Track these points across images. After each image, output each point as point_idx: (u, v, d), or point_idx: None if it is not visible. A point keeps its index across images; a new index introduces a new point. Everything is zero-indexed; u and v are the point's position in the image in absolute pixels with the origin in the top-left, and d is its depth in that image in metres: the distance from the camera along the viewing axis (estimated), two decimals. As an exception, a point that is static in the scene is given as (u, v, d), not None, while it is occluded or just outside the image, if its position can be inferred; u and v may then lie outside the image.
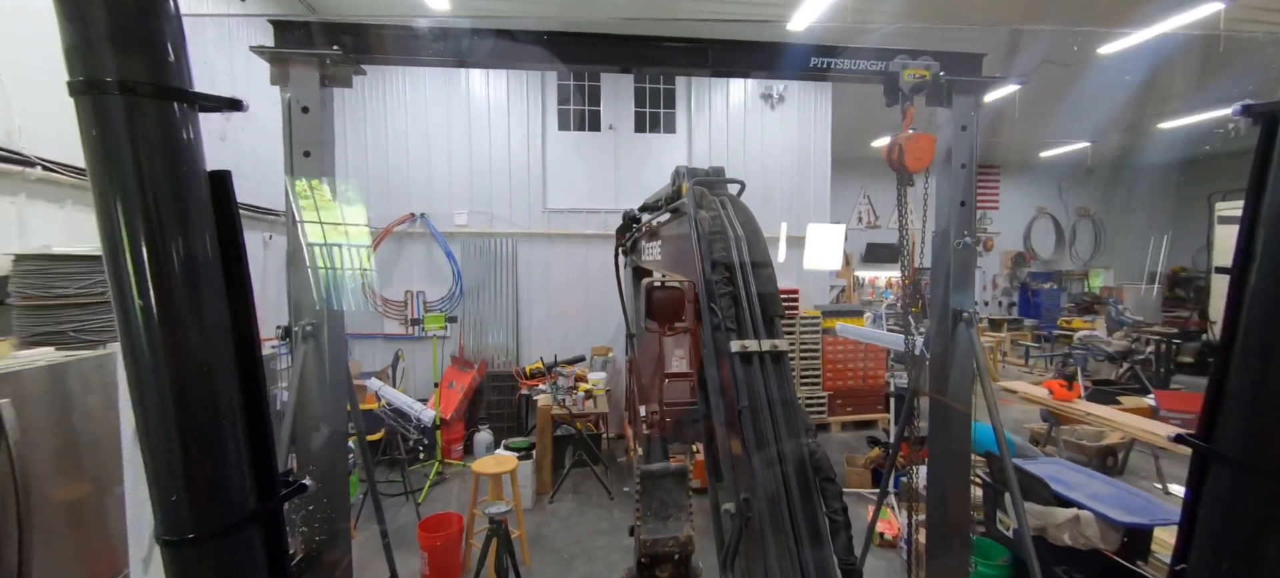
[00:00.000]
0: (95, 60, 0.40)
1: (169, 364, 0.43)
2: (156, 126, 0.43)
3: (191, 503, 0.44)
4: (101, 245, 0.44)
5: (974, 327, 2.58)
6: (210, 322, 0.46)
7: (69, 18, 0.39)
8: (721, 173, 1.87)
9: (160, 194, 0.42)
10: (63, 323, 2.24)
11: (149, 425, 0.45)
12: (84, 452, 2.27)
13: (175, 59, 0.44)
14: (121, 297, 0.45)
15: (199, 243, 0.46)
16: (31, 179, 2.57)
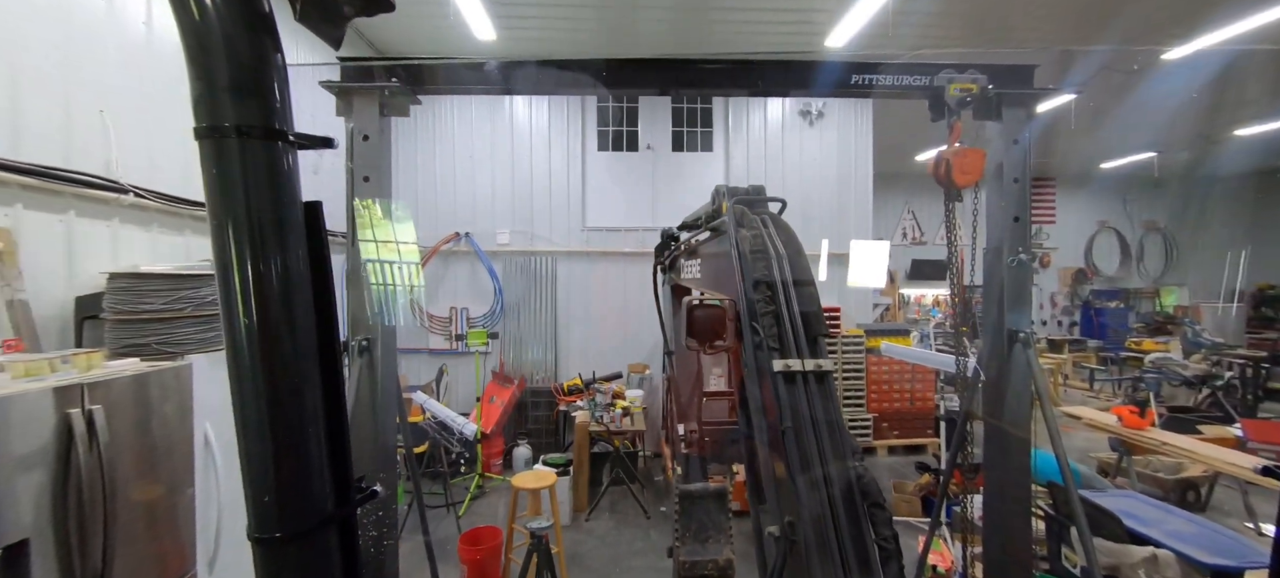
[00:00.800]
0: (217, 108, 0.46)
1: (266, 374, 0.48)
2: (264, 164, 0.48)
3: (280, 504, 0.48)
4: (215, 266, 0.50)
5: (1031, 347, 2.45)
6: (302, 337, 0.51)
7: (198, 73, 0.45)
8: (762, 191, 1.87)
9: (266, 222, 0.48)
10: (147, 336, 2.43)
11: (247, 429, 0.50)
12: (160, 457, 2.44)
13: (280, 104, 0.50)
14: (229, 312, 0.50)
15: (295, 265, 0.51)
16: (124, 205, 2.83)
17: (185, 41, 0.48)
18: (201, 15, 0.45)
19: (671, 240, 3.04)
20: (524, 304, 6.75)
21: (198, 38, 0.47)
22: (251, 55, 0.47)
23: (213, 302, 2.62)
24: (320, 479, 0.51)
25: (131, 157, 2.89)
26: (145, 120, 3.01)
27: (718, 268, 1.87)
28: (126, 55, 2.90)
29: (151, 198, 2.95)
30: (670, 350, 3.19)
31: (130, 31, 2.94)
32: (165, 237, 3.14)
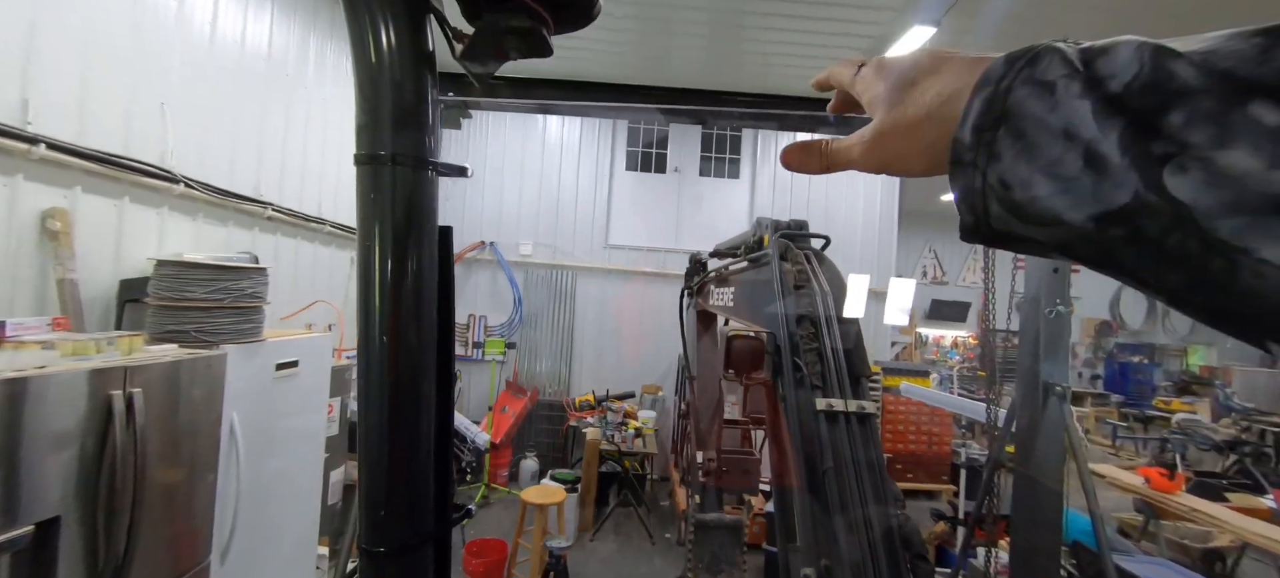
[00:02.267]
0: (378, 138, 0.49)
1: (392, 390, 0.50)
2: (413, 190, 0.51)
3: (392, 519, 0.49)
4: (358, 281, 0.52)
5: (1067, 402, 2.40)
6: (426, 355, 0.53)
7: (365, 106, 0.48)
8: (805, 226, 1.88)
9: (408, 244, 0.50)
10: (186, 323, 2.49)
11: (368, 442, 0.51)
12: (185, 440, 2.47)
13: (431, 135, 0.52)
14: (366, 326, 0.52)
15: (428, 286, 0.53)
16: (174, 194, 2.92)
17: (358, 77, 0.51)
18: (377, 57, 0.49)
19: (701, 266, 3.05)
20: (542, 316, 6.78)
21: (370, 76, 0.50)
22: (413, 91, 0.50)
23: (252, 294, 2.68)
24: (427, 496, 0.52)
25: (185, 149, 2.99)
26: (201, 116, 3.12)
27: (755, 299, 1.87)
28: (191, 54, 3.02)
29: (200, 189, 3.05)
30: (692, 375, 3.18)
31: (196, 32, 3.07)
32: (208, 227, 3.23)
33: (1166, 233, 0.23)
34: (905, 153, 0.35)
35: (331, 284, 4.54)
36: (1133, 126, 0.24)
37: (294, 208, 3.97)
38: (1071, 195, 0.25)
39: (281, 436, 2.97)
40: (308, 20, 4.10)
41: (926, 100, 0.33)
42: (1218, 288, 0.22)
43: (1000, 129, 0.28)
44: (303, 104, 4.11)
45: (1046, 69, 0.27)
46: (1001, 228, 0.29)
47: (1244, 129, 0.21)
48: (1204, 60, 0.23)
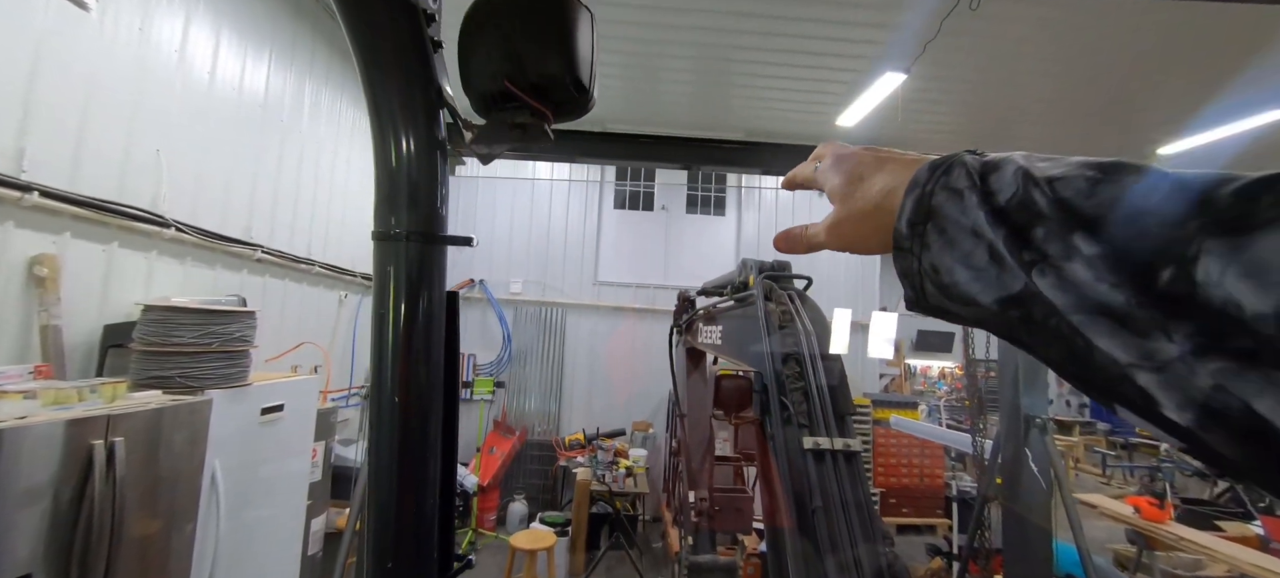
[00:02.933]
0: (393, 217, 0.54)
1: (402, 452, 0.53)
2: (424, 262, 0.56)
3: (397, 572, 0.51)
4: (372, 349, 0.56)
5: (1048, 434, 2.45)
6: (434, 417, 0.56)
7: (383, 191, 0.54)
8: (788, 267, 1.95)
9: (418, 310, 0.54)
10: (171, 369, 2.46)
11: (378, 501, 0.54)
12: (164, 489, 2.41)
13: (440, 210, 0.57)
14: (379, 390, 0.55)
15: (436, 350, 0.57)
16: (164, 238, 2.93)
17: (378, 167, 0.57)
18: (396, 153, 0.54)
19: (689, 303, 3.10)
20: (531, 354, 6.76)
21: (388, 168, 0.55)
22: (426, 177, 0.55)
23: (239, 338, 2.67)
24: (433, 549, 0.55)
25: (179, 193, 3.02)
26: (196, 160, 3.17)
27: (742, 338, 1.92)
28: (189, 100, 3.09)
29: (191, 233, 3.06)
30: (682, 413, 3.19)
31: (195, 79, 3.14)
32: (197, 270, 3.23)
33: (1047, 317, 0.29)
34: (859, 236, 0.43)
35: (319, 324, 4.51)
36: (1013, 234, 0.31)
37: (283, 249, 3.98)
38: (982, 282, 0.32)
39: (264, 482, 2.90)
40: (304, 66, 4.21)
41: (872, 194, 0.41)
42: (1082, 363, 0.28)
43: (928, 224, 0.35)
44: (296, 147, 4.17)
45: (956, 179, 0.34)
46: (935, 303, 0.36)
47: (1075, 250, 0.28)
48: (1054, 190, 0.30)
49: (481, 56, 0.56)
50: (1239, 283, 0.22)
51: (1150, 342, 0.25)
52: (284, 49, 3.99)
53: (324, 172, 4.52)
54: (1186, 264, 0.24)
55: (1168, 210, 0.26)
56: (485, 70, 0.55)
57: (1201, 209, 0.25)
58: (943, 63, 4.33)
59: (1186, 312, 0.24)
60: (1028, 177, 0.31)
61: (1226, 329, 0.23)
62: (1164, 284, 0.25)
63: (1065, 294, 0.28)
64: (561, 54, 0.54)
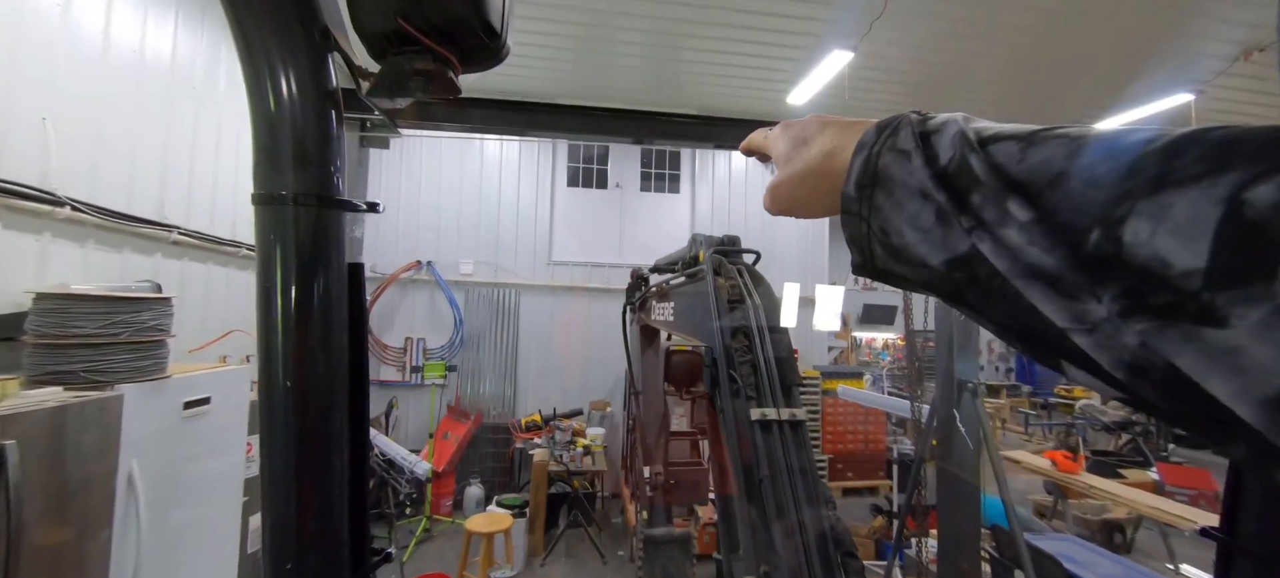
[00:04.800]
0: (276, 178, 0.47)
1: (299, 440, 0.47)
2: (317, 229, 0.49)
3: (301, 572, 0.46)
4: (258, 328, 0.49)
5: (979, 398, 2.61)
6: (337, 398, 0.50)
7: (261, 147, 0.46)
8: (737, 242, 1.95)
9: (313, 284, 0.48)
10: (74, 362, 2.23)
11: (274, 494, 0.48)
12: (72, 495, 2.21)
13: (336, 171, 0.50)
14: (269, 374, 0.49)
15: (337, 327, 0.50)
16: (58, 218, 2.63)
17: (254, 117, 0.49)
18: (274, 98, 0.46)
19: (642, 281, 3.08)
20: (484, 337, 6.60)
21: (266, 116, 0.48)
22: (315, 130, 0.48)
23: (154, 327, 2.45)
24: (341, 545, 0.50)
25: (72, 168, 2.71)
26: (93, 131, 2.84)
27: (694, 313, 1.92)
28: (78, 64, 2.75)
29: (90, 212, 2.76)
30: (638, 390, 3.20)
31: (85, 40, 2.80)
32: (100, 254, 2.92)
33: (991, 277, 0.29)
34: (801, 197, 0.43)
35: (248, 311, 4.18)
36: (954, 197, 0.30)
37: (203, 230, 3.67)
38: (929, 243, 0.31)
39: (191, 481, 2.70)
40: (218, 30, 3.84)
41: (813, 155, 0.41)
42: (1024, 325, 0.28)
43: (876, 188, 0.34)
44: (213, 118, 3.82)
45: (903, 140, 0.33)
46: (883, 266, 0.35)
47: (1009, 216, 0.28)
48: (989, 155, 0.30)
49: (370, -10, 0.49)
50: (1167, 239, 0.23)
51: (1081, 304, 0.25)
52: (192, 8, 3.62)
53: (247, 146, 4.17)
54: (1113, 225, 0.24)
55: (1095, 173, 0.26)
56: (376, 6, 0.49)
57: (1128, 171, 0.25)
58: (887, 41, 4.43)
59: (1113, 273, 0.24)
60: (965, 139, 0.31)
61: (1149, 288, 0.23)
62: (1092, 247, 0.25)
63: (1002, 259, 0.28)
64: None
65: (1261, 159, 0.21)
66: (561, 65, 5.23)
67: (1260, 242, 0.20)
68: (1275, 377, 0.20)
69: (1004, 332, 0.30)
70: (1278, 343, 0.20)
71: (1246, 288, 0.21)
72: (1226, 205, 0.21)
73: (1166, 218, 0.23)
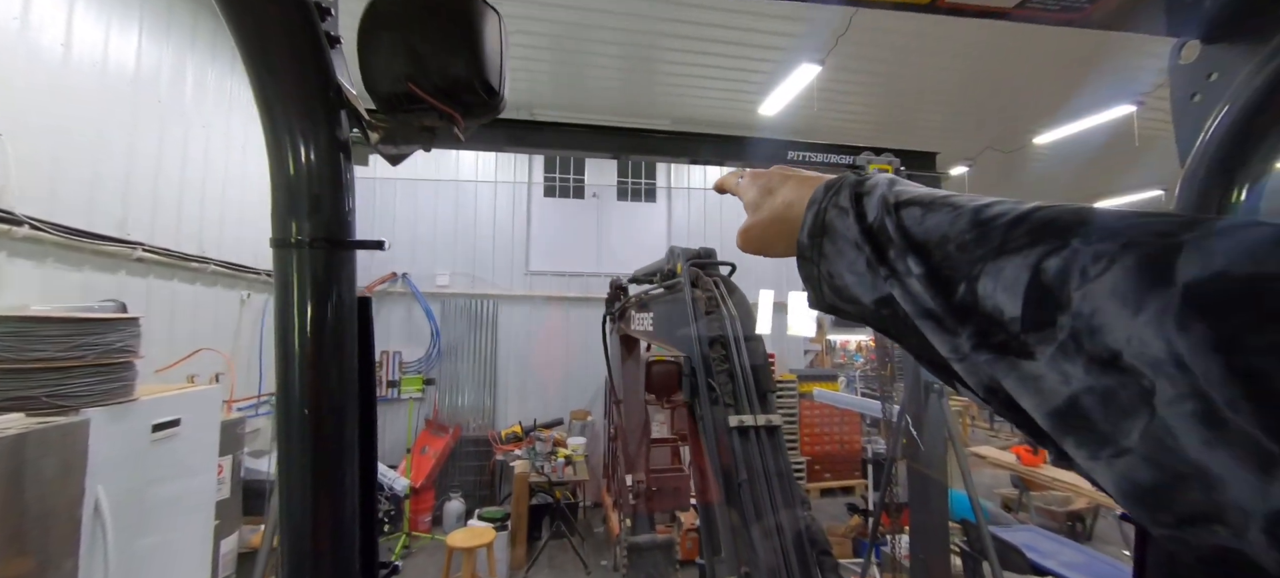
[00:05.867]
0: (293, 223, 0.51)
1: (314, 461, 0.50)
2: (331, 268, 0.53)
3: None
4: (276, 362, 0.52)
5: (944, 398, 2.73)
6: (349, 428, 0.53)
7: (281, 195, 0.50)
8: (713, 254, 2.02)
9: (326, 319, 0.51)
10: (34, 388, 2.15)
11: (292, 515, 0.51)
12: (34, 525, 2.13)
13: (347, 213, 0.54)
14: (288, 403, 0.52)
15: (349, 355, 0.54)
16: (16, 238, 2.54)
17: (273, 172, 0.53)
18: (294, 159, 0.51)
19: (622, 291, 3.13)
20: (462, 348, 6.54)
21: (285, 173, 0.52)
22: (329, 180, 0.52)
23: (119, 348, 2.38)
24: (354, 558, 0.53)
25: (31, 184, 2.62)
26: (51, 146, 2.75)
27: (672, 323, 1.98)
28: (38, 77, 2.67)
29: (49, 230, 2.67)
30: (618, 399, 3.24)
31: (45, 53, 2.72)
32: (61, 273, 2.83)
33: (905, 316, 0.36)
34: (767, 241, 0.51)
35: (219, 328, 4.10)
36: (876, 251, 0.37)
37: (170, 246, 3.57)
38: (862, 286, 0.38)
39: (161, 506, 2.63)
40: (184, 40, 3.76)
41: (777, 205, 0.49)
42: (929, 354, 0.35)
43: (824, 238, 0.41)
44: (179, 131, 3.73)
45: (843, 199, 0.41)
46: (830, 302, 0.42)
47: (910, 269, 0.35)
48: (899, 218, 0.37)
49: (381, 58, 0.53)
50: (1002, 294, 0.30)
51: (955, 339, 0.32)
52: (158, 19, 3.54)
53: (216, 158, 4.08)
54: (972, 281, 0.31)
55: (965, 239, 0.33)
56: (386, 72, 0.53)
57: (982, 238, 0.32)
58: (853, 55, 4.61)
59: (972, 317, 0.31)
60: (885, 204, 0.38)
61: (992, 329, 0.30)
62: (959, 297, 0.32)
63: (907, 302, 0.35)
64: (467, 56, 0.53)
65: (1059, 237, 0.28)
66: (538, 80, 5.28)
67: (1048, 298, 0.28)
68: (1057, 395, 0.27)
69: (919, 358, 0.37)
70: (1059, 371, 0.27)
71: (1042, 332, 0.28)
72: (1032, 271, 0.28)
73: (1001, 277, 0.30)
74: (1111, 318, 0.25)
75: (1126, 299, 0.25)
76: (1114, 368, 0.25)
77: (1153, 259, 0.25)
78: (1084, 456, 0.27)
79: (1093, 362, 0.26)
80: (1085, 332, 0.26)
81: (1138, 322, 0.24)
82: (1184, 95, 0.66)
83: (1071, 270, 0.27)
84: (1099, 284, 0.26)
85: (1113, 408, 0.25)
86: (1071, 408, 0.27)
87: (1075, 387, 0.26)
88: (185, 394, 2.85)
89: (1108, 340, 0.25)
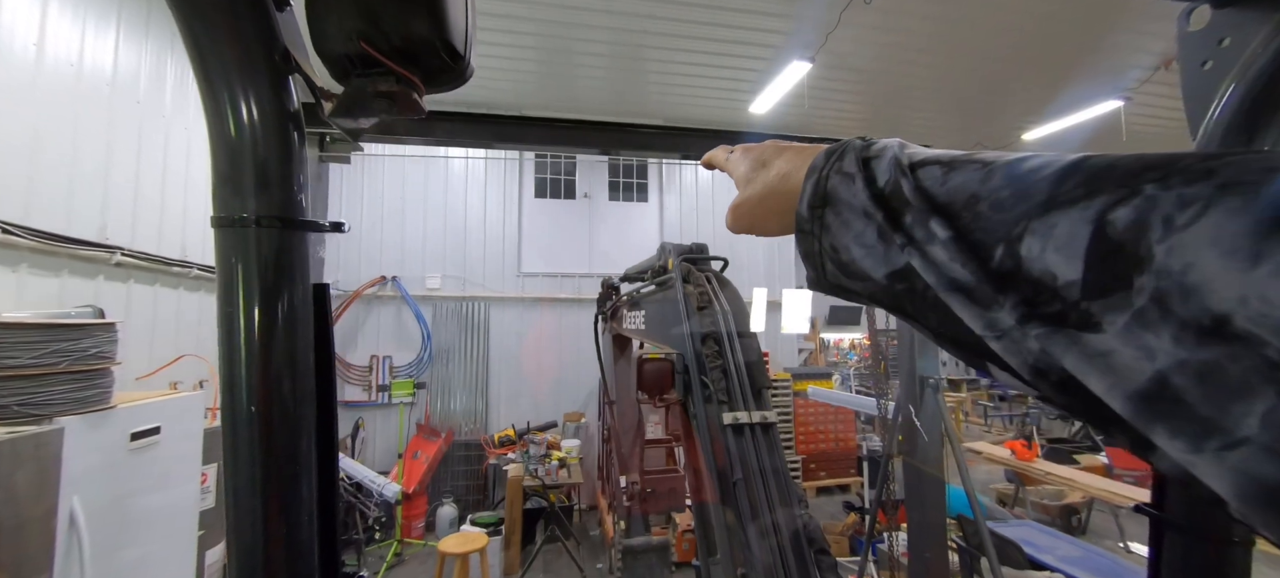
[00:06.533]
0: (237, 200, 0.46)
1: (262, 461, 0.45)
2: (280, 252, 0.48)
3: (267, 603, 0.45)
4: (220, 354, 0.48)
5: (940, 393, 2.71)
6: (304, 422, 0.48)
7: (221, 169, 0.45)
8: (705, 250, 1.98)
9: (278, 308, 0.47)
10: (7, 396, 2.08)
11: (240, 529, 0.46)
12: (6, 537, 2.05)
13: (299, 191, 0.49)
14: (232, 401, 0.47)
15: (303, 350, 0.49)
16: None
17: (212, 141, 0.48)
18: (235, 123, 0.46)
19: (613, 290, 3.09)
20: (453, 352, 6.46)
21: (225, 141, 0.47)
22: (277, 152, 0.47)
23: (96, 354, 2.31)
24: (311, 572, 0.48)
25: (5, 189, 2.55)
26: (24, 149, 2.68)
27: (664, 320, 1.94)
28: (9, 78, 2.59)
29: (24, 234, 2.60)
30: (612, 400, 3.19)
31: (16, 53, 2.64)
32: (35, 279, 2.75)
33: (925, 289, 0.31)
34: (760, 217, 0.46)
35: (200, 335, 4.02)
36: (889, 217, 0.33)
37: (150, 251, 3.49)
38: (873, 258, 0.34)
39: (141, 517, 2.55)
40: (163, 41, 3.68)
41: (770, 177, 0.44)
42: (953, 331, 0.31)
43: (826, 208, 0.36)
44: (159, 134, 3.65)
45: (847, 164, 0.36)
46: (835, 281, 0.38)
47: (933, 234, 0.30)
48: (917, 179, 0.32)
49: (331, 14, 0.49)
50: (1053, 255, 0.25)
51: (992, 312, 0.28)
52: (136, 19, 3.46)
53: (198, 160, 4.00)
54: (1013, 243, 0.27)
55: (1000, 196, 0.28)
56: (337, 30, 0.49)
57: (1025, 194, 0.27)
58: (842, 53, 4.60)
59: (1015, 285, 0.27)
60: (898, 164, 0.33)
61: (1042, 298, 0.26)
62: (997, 262, 0.28)
63: (930, 272, 0.30)
64: (427, 13, 0.49)
65: (1125, 184, 0.24)
66: (525, 77, 5.23)
67: (1120, 256, 0.23)
68: (1138, 374, 0.23)
69: (939, 338, 0.33)
70: (1138, 344, 0.22)
71: (1112, 297, 0.23)
72: (1095, 225, 0.24)
73: (1052, 236, 0.25)
74: (1215, 273, 0.21)
75: (1237, 248, 0.20)
76: (1220, 336, 0.20)
77: (1272, 198, 0.20)
78: (1182, 448, 0.22)
79: (1187, 329, 0.21)
80: (1175, 293, 0.21)
81: (1256, 276, 0.20)
82: (1194, 64, 0.63)
83: (1150, 220, 0.22)
84: (1192, 234, 0.21)
85: (1220, 387, 0.20)
86: (1159, 389, 0.22)
87: (1163, 362, 0.22)
88: (166, 401, 2.78)
89: (1209, 302, 0.21)
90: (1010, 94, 5.56)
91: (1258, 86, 0.53)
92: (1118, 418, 0.24)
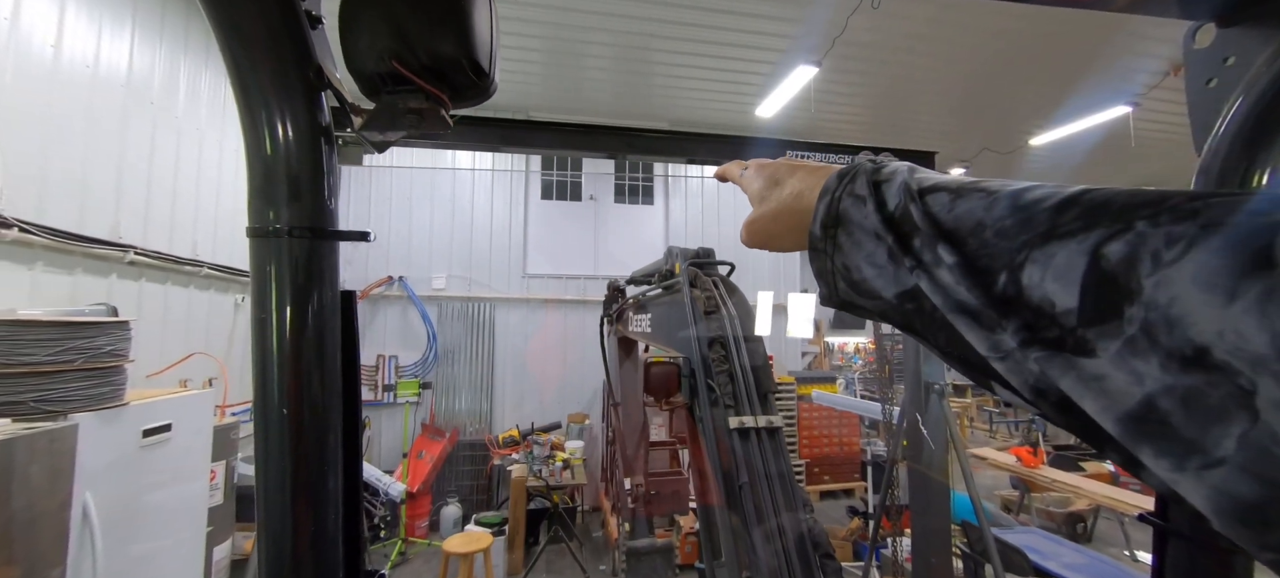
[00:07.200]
0: (270, 211, 0.48)
1: (294, 467, 0.47)
2: (310, 260, 0.50)
3: (300, 593, 0.46)
4: (253, 357, 0.50)
5: (945, 398, 2.71)
6: (332, 425, 0.51)
7: (257, 182, 0.48)
8: (712, 254, 2.00)
9: (308, 314, 0.49)
10: (22, 392, 2.12)
11: (271, 524, 0.48)
12: (20, 532, 2.08)
13: (329, 201, 0.51)
14: (264, 401, 0.49)
15: (331, 353, 0.51)
16: (5, 241, 2.51)
17: (249, 154, 0.50)
18: (271, 140, 0.48)
19: (619, 293, 3.11)
20: (459, 352, 6.49)
21: (261, 155, 0.49)
22: (309, 166, 0.50)
23: (109, 352, 2.35)
24: (337, 565, 0.50)
25: (19, 187, 2.59)
26: (41, 148, 2.72)
27: (671, 324, 1.95)
28: (28, 79, 2.64)
29: (39, 233, 2.64)
30: (617, 402, 3.21)
31: (35, 54, 2.69)
32: (50, 277, 2.79)
33: (933, 310, 0.33)
34: (773, 234, 0.48)
35: (210, 333, 4.06)
36: (899, 240, 0.34)
37: (162, 250, 3.53)
38: (883, 278, 0.35)
39: (152, 512, 2.59)
40: (177, 43, 3.73)
41: (785, 196, 0.46)
42: (960, 351, 0.32)
43: (838, 228, 0.38)
44: (171, 134, 3.70)
45: (859, 187, 0.38)
46: (846, 298, 0.39)
47: (941, 259, 0.32)
48: (925, 205, 0.34)
49: (365, 34, 0.51)
50: (1052, 283, 0.27)
51: (996, 335, 0.29)
52: (150, 22, 3.51)
53: (209, 160, 4.05)
54: (1016, 270, 0.29)
55: (1004, 224, 0.30)
56: (370, 49, 0.51)
57: (1027, 223, 0.29)
58: (849, 57, 4.61)
59: (1016, 310, 0.29)
60: (908, 190, 0.35)
61: (1041, 323, 0.28)
62: (1000, 287, 0.29)
63: (937, 295, 0.32)
64: (455, 34, 0.51)
65: (1119, 219, 0.26)
66: (532, 80, 5.26)
67: (1113, 287, 0.25)
68: (1128, 397, 0.24)
69: (947, 356, 0.34)
70: (1129, 370, 0.24)
71: (1105, 325, 0.25)
72: (1090, 257, 0.26)
73: (1051, 265, 0.27)
74: (1196, 307, 0.22)
75: (1215, 285, 0.22)
76: (1200, 365, 0.22)
77: (1247, 239, 0.22)
78: (1166, 467, 0.24)
79: (1172, 358, 0.23)
80: (1161, 324, 0.23)
81: (1232, 311, 0.21)
82: (1199, 81, 0.64)
83: (1140, 255, 0.24)
84: (1178, 269, 0.23)
85: (1201, 411, 0.22)
86: (1147, 412, 0.24)
87: (1151, 387, 0.23)
88: (177, 399, 2.81)
89: (1191, 334, 0.22)
90: (1018, 98, 5.55)
91: (1261, 105, 0.54)
92: (1110, 437, 0.25)
